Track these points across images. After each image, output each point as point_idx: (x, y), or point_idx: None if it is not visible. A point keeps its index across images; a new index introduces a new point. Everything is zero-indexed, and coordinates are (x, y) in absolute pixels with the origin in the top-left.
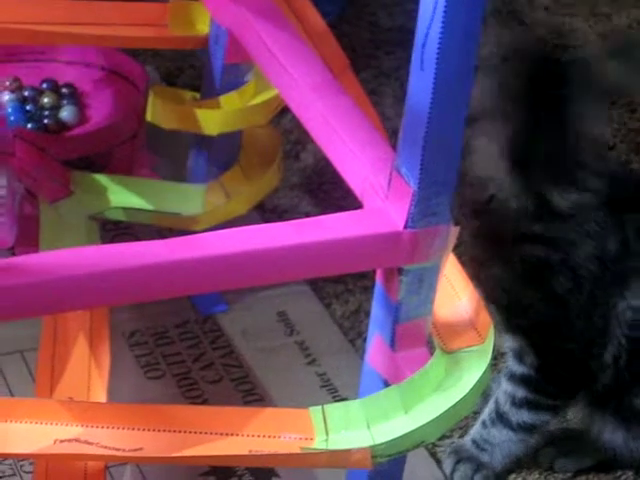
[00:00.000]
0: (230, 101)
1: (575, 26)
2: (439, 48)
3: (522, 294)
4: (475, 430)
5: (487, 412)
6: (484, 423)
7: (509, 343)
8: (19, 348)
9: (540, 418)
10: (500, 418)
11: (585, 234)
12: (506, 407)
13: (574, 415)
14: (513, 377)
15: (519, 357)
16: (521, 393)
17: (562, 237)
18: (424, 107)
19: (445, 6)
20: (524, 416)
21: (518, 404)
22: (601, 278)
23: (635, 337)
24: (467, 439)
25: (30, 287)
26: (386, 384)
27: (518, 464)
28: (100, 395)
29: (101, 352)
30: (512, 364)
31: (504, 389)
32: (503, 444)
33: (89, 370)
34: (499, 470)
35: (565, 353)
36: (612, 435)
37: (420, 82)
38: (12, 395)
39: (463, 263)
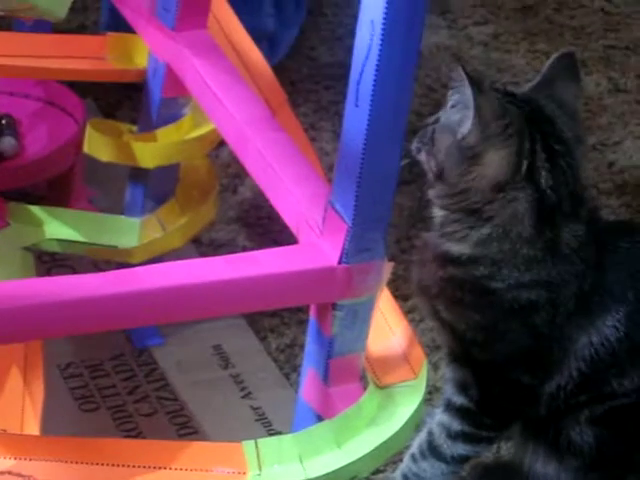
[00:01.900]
0: (167, 134)
1: (513, 62)
2: (374, 86)
3: (500, 328)
4: (405, 464)
5: (417, 445)
6: (414, 457)
7: (452, 374)
8: None
9: (474, 449)
10: (433, 451)
11: (575, 273)
12: (440, 439)
13: (507, 449)
14: (450, 407)
15: (462, 388)
16: (457, 425)
17: (558, 279)
18: (358, 144)
19: (380, 44)
20: (459, 448)
21: (453, 436)
22: (573, 314)
23: (586, 372)
24: (397, 474)
25: None
26: (320, 419)
27: None
28: (33, 427)
29: (35, 384)
30: (452, 394)
31: (439, 420)
32: (434, 477)
33: (22, 402)
34: None
35: (513, 384)
36: (544, 466)
37: (355, 119)
38: None
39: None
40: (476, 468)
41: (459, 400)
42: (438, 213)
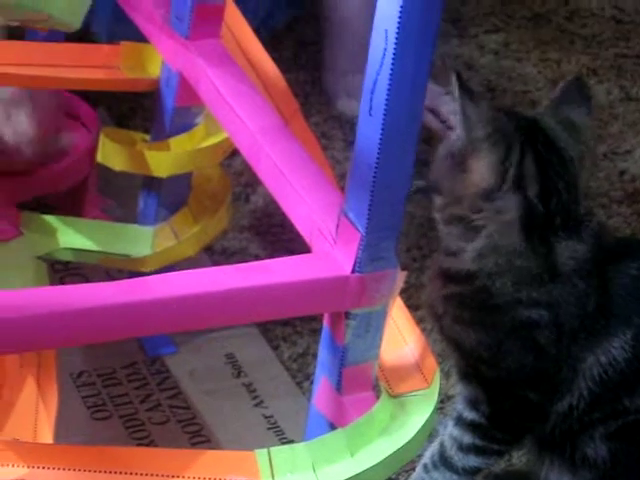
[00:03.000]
0: (180, 143)
1: (524, 71)
2: (388, 94)
3: (504, 347)
4: (417, 473)
5: (429, 455)
6: (426, 467)
7: (463, 390)
8: None
9: (486, 462)
10: (444, 462)
11: (576, 295)
12: (452, 451)
13: (519, 458)
14: (462, 422)
15: (472, 404)
16: (468, 439)
17: (559, 299)
18: (372, 152)
19: (394, 53)
20: (470, 461)
21: (465, 449)
22: (578, 334)
23: (596, 391)
24: None
25: None
26: (332, 427)
27: None
28: (46, 436)
29: (48, 393)
30: (463, 409)
31: (450, 433)
32: None
33: (36, 411)
34: None
35: (523, 401)
36: (560, 478)
37: (368, 128)
38: None
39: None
40: (487, 477)
41: (470, 415)
42: (441, 229)
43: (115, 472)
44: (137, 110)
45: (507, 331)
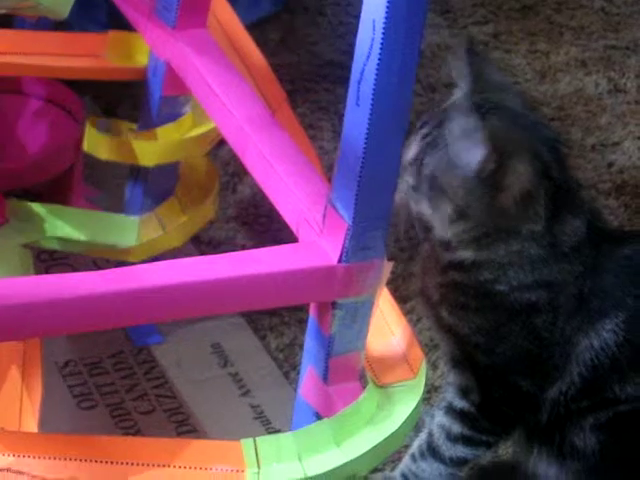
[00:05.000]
0: (167, 133)
1: (513, 62)
2: (375, 85)
3: (502, 332)
4: (404, 463)
5: (417, 445)
6: (413, 456)
7: (454, 379)
8: None
9: (473, 453)
10: (432, 452)
11: (574, 274)
12: (440, 441)
13: (505, 449)
14: (451, 411)
15: (463, 392)
16: (457, 428)
17: (558, 279)
18: (359, 143)
19: (381, 44)
20: (458, 451)
21: (453, 439)
22: (574, 316)
23: (587, 377)
24: (396, 472)
25: None
26: (319, 417)
27: None
28: (31, 425)
29: (33, 382)
30: (453, 398)
31: (439, 422)
32: (433, 478)
33: (21, 400)
34: None
35: (514, 390)
36: (546, 469)
37: (355, 118)
38: None
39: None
40: (473, 468)
41: (460, 404)
42: (439, 228)
43: (101, 461)
44: (124, 99)
45: (507, 315)
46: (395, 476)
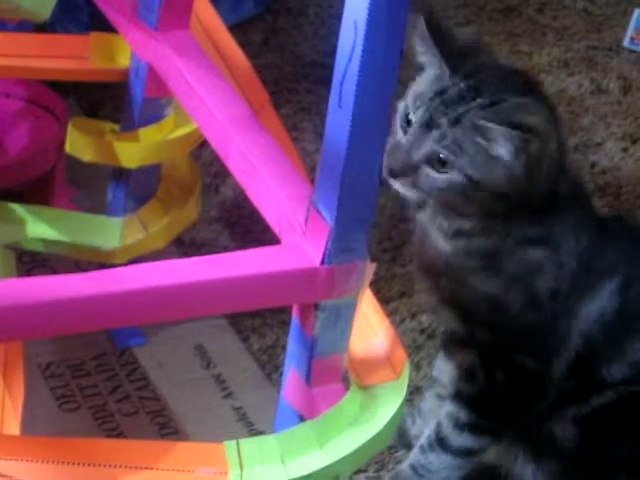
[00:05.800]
0: (149, 134)
1: None
2: (357, 86)
3: (505, 300)
4: (413, 455)
5: (426, 437)
6: (422, 448)
7: (461, 363)
8: None
9: (480, 442)
10: (440, 442)
11: (570, 228)
12: (448, 430)
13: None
14: (458, 397)
15: (469, 376)
16: (464, 415)
17: (556, 232)
18: (341, 144)
19: (363, 45)
20: (465, 440)
21: (460, 427)
22: (576, 279)
23: (582, 352)
24: (406, 464)
25: None
26: (302, 419)
27: None
28: (13, 427)
29: (15, 384)
30: (460, 384)
31: (448, 410)
32: (441, 471)
33: (2, 402)
34: None
35: (519, 369)
36: (522, 469)
37: (338, 119)
38: None
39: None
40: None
41: (467, 389)
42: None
43: (83, 464)
44: (106, 101)
45: (511, 276)
46: (404, 469)
